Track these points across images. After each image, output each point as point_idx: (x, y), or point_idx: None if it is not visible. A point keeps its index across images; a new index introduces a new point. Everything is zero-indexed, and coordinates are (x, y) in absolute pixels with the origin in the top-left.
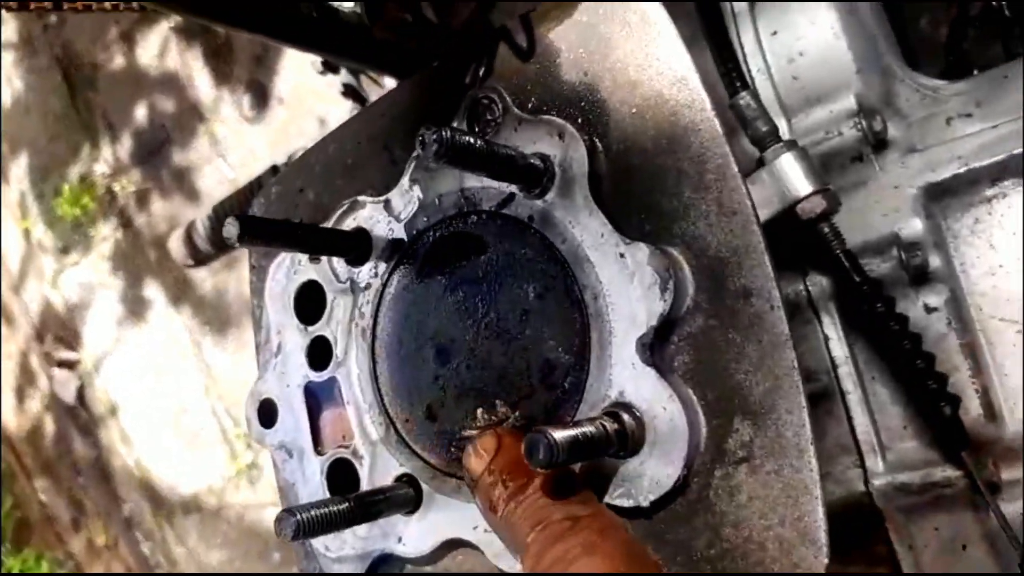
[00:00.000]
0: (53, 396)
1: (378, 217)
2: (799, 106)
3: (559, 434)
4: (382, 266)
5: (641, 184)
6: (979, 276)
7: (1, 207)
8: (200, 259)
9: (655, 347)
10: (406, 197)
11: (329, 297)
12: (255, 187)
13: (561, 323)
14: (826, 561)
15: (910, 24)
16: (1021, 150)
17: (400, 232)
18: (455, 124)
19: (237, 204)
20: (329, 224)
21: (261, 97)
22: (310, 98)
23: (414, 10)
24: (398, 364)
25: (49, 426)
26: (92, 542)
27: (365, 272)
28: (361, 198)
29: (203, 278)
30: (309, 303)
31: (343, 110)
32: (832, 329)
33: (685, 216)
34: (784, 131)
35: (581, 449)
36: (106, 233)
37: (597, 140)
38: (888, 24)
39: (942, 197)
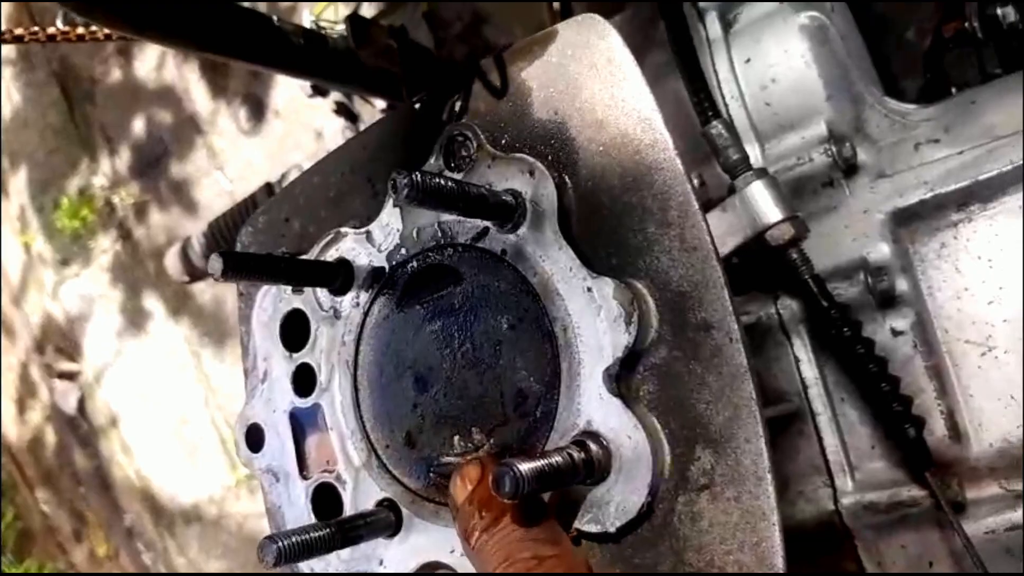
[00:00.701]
0: (54, 407)
1: (359, 248)
2: (772, 132)
3: (525, 466)
4: (364, 296)
5: (608, 220)
6: (945, 299)
7: (1, 220)
8: (196, 275)
9: (621, 378)
10: (386, 229)
11: (313, 326)
12: (250, 204)
13: (533, 354)
14: None
15: (896, 36)
16: (992, 174)
17: (381, 263)
18: (432, 160)
19: (232, 221)
20: (313, 254)
21: (258, 110)
22: (306, 111)
23: (399, 36)
24: (379, 391)
25: (50, 437)
26: (94, 552)
27: (347, 302)
28: (343, 229)
29: (202, 290)
30: (295, 330)
31: (338, 124)
32: (803, 351)
33: (649, 251)
34: (757, 157)
35: (548, 479)
36: (105, 245)
37: (567, 177)
38: (863, 47)
39: (910, 222)
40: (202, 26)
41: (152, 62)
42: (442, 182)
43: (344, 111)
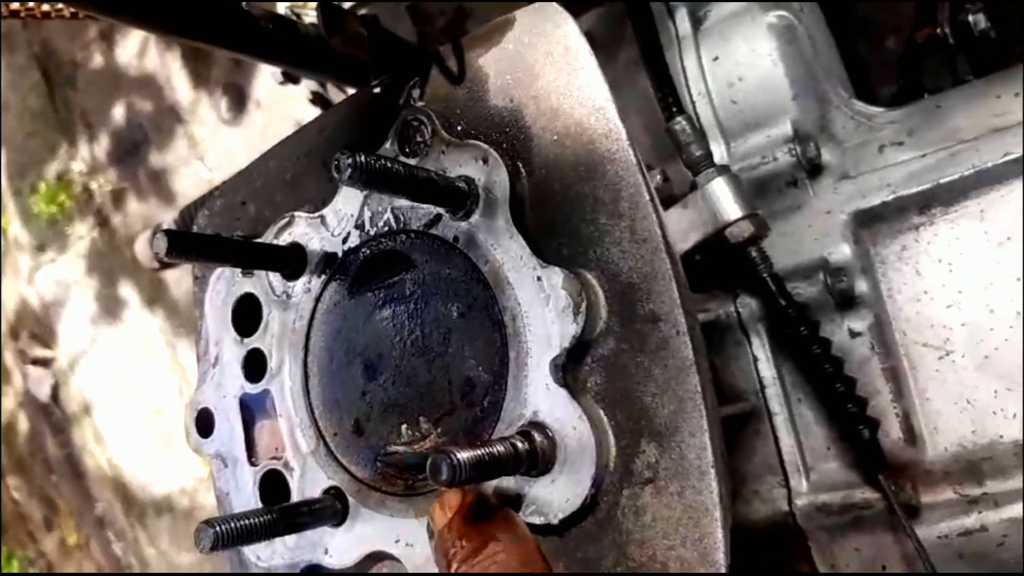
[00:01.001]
0: (27, 394)
1: (313, 233)
2: (738, 130)
3: (464, 454)
4: (316, 281)
5: (561, 209)
6: (904, 302)
7: None
8: (166, 263)
9: (568, 368)
10: (340, 214)
11: (265, 310)
12: None
13: (482, 343)
14: None
15: (877, 43)
16: (954, 178)
17: (334, 248)
18: (387, 145)
19: None
20: (267, 238)
21: (239, 100)
22: (287, 102)
23: (370, 24)
24: (328, 378)
25: (23, 424)
26: (64, 541)
27: (299, 287)
28: (297, 214)
29: (178, 279)
30: (247, 315)
31: (316, 114)
32: (761, 350)
33: (600, 242)
34: (723, 155)
35: (487, 469)
36: (82, 232)
37: (520, 165)
38: (834, 48)
39: (872, 223)
40: (168, 7)
41: (134, 48)
42: (388, 164)
43: (319, 100)
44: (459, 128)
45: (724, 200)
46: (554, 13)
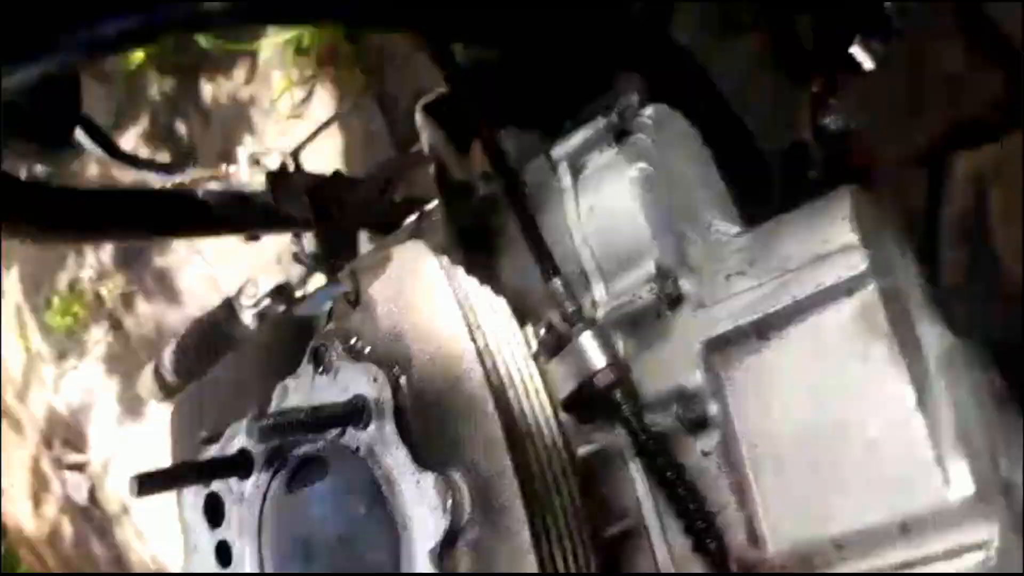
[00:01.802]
0: (67, 499)
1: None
2: (614, 271)
3: None
4: (263, 477)
5: (434, 419)
6: (748, 419)
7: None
8: (171, 391)
9: (444, 555)
10: None
11: (227, 506)
12: (211, 319)
13: (384, 537)
14: None
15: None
16: (779, 307)
17: (271, 451)
18: (304, 363)
19: (197, 338)
20: (221, 448)
21: None
22: None
23: (312, 191)
24: (278, 564)
25: (67, 528)
26: None
27: (250, 485)
28: (242, 422)
29: None
30: (217, 508)
31: None
32: (637, 473)
33: (465, 446)
34: (603, 294)
35: None
36: (98, 336)
37: (403, 381)
38: (706, 171)
39: (723, 348)
40: (129, 218)
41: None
42: (294, 420)
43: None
44: (356, 348)
45: (590, 351)
46: (420, 251)
